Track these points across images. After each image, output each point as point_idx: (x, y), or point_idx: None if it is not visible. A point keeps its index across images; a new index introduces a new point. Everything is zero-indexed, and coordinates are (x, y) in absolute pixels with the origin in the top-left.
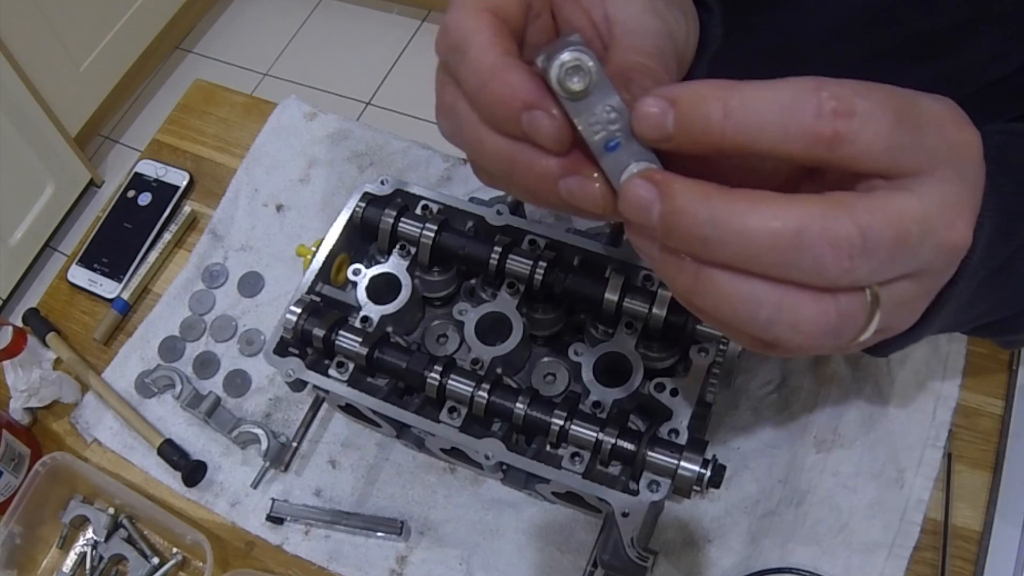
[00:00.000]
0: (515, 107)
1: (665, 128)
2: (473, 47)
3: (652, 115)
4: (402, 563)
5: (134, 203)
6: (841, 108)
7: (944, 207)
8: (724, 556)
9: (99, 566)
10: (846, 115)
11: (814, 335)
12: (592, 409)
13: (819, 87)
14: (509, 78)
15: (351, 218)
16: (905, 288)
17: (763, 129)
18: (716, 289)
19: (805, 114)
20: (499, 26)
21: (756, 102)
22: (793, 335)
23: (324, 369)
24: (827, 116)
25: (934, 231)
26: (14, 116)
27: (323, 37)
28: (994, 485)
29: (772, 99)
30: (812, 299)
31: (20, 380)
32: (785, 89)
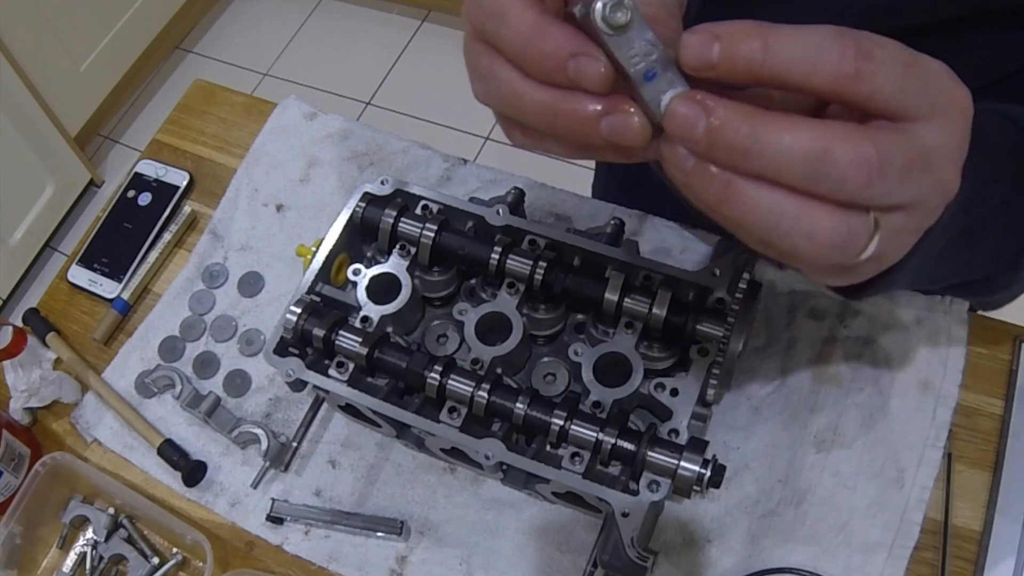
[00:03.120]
0: (562, 57)
1: (710, 57)
2: (512, 10)
3: (700, 44)
4: (402, 563)
5: (134, 203)
6: (862, 51)
7: (941, 149)
8: (724, 556)
9: (99, 566)
10: (866, 57)
11: (825, 246)
12: (592, 409)
13: (843, 33)
14: (553, 32)
15: (351, 218)
16: (900, 219)
17: (797, 64)
18: (745, 199)
19: (833, 53)
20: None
21: (792, 39)
22: (808, 244)
23: (324, 369)
24: (850, 56)
25: (934, 168)
26: (14, 116)
27: (323, 37)
28: (994, 485)
29: (805, 39)
30: (828, 213)
31: (20, 380)
32: (815, 32)
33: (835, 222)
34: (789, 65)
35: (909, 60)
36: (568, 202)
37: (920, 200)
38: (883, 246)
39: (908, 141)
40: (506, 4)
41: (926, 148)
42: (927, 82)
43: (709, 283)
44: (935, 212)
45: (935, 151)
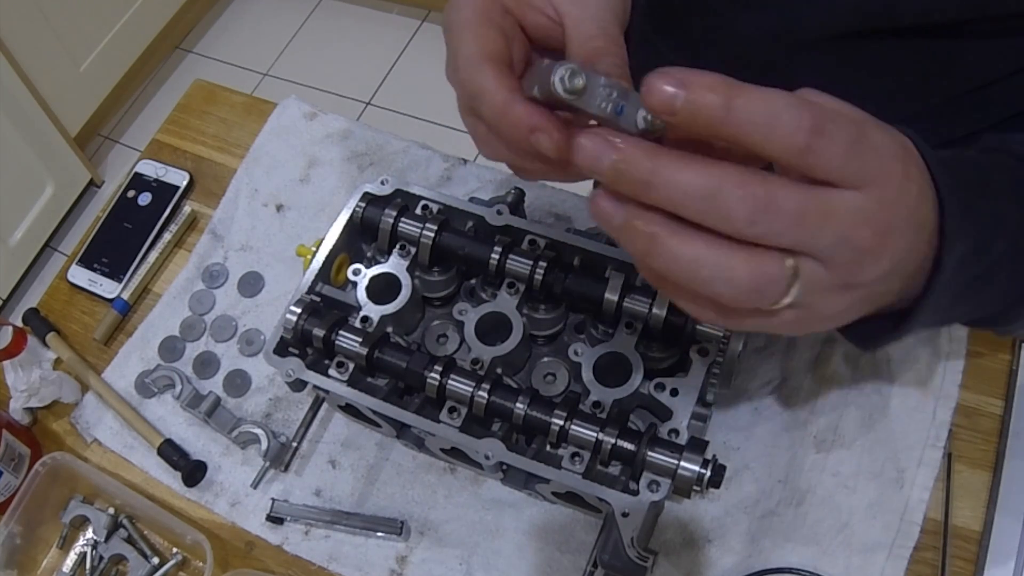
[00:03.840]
0: (523, 132)
1: (673, 104)
2: (486, 94)
3: (665, 92)
4: (402, 563)
5: (134, 203)
6: (816, 126)
7: (856, 212)
8: (724, 556)
9: (99, 566)
10: (819, 132)
11: (744, 289)
12: (592, 409)
13: (802, 104)
14: (516, 111)
15: (351, 218)
16: (819, 272)
17: (754, 128)
18: (668, 251)
19: (789, 123)
20: (499, 70)
21: (754, 104)
22: (727, 289)
23: (324, 369)
24: (805, 130)
25: (839, 225)
26: (14, 116)
27: (323, 37)
28: (994, 485)
29: (766, 105)
30: (743, 259)
31: (20, 380)
32: (777, 99)
33: (750, 267)
34: (747, 128)
35: (856, 136)
36: (568, 202)
37: (829, 254)
38: (807, 297)
39: (808, 193)
40: (483, 87)
41: (832, 205)
42: (867, 158)
43: None
44: (859, 273)
45: (847, 211)
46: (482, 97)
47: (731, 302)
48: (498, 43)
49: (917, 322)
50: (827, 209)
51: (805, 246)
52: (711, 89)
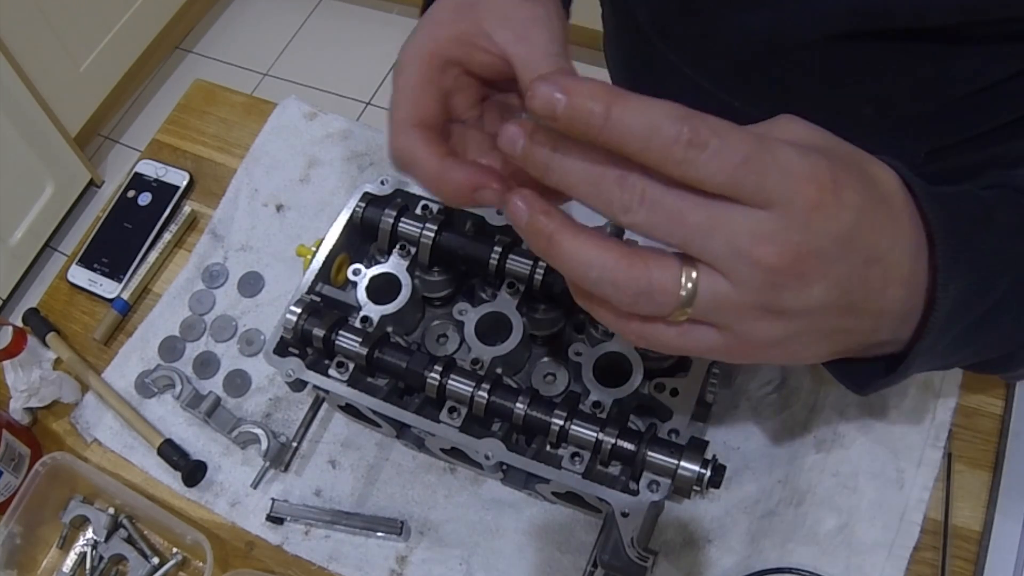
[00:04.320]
0: (467, 192)
1: (554, 109)
2: (417, 162)
3: (546, 95)
4: (402, 563)
5: (134, 203)
6: (697, 140)
7: (754, 228)
8: (724, 556)
9: (99, 566)
10: (699, 146)
11: (631, 292)
12: (592, 409)
13: (684, 118)
14: (452, 177)
15: (351, 218)
16: (723, 287)
17: (631, 138)
18: (561, 251)
19: (666, 136)
20: (428, 137)
21: (632, 114)
22: (615, 291)
23: (324, 369)
24: (683, 143)
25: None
26: (14, 116)
27: (323, 37)
28: (994, 485)
29: (645, 116)
30: (628, 262)
31: (20, 380)
32: (657, 111)
33: (637, 270)
34: (624, 137)
35: (750, 154)
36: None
37: (729, 267)
38: (716, 314)
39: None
40: (413, 156)
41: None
42: (766, 176)
43: None
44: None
45: (743, 225)
46: (414, 165)
47: (620, 305)
48: (432, 109)
49: (913, 366)
50: (716, 216)
51: (694, 249)
52: (592, 96)
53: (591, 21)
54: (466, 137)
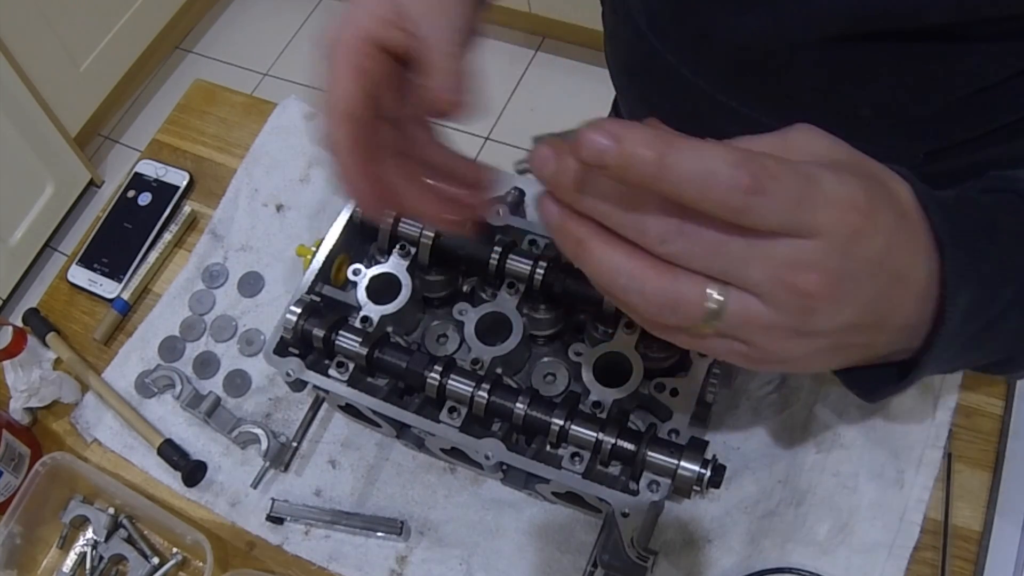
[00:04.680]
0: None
1: (604, 159)
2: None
3: (597, 144)
4: (402, 563)
5: (134, 203)
6: (756, 185)
7: (799, 257)
8: (724, 556)
9: (99, 566)
10: (758, 191)
11: (655, 303)
12: (592, 409)
13: (741, 162)
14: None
15: (351, 218)
16: (756, 308)
17: (688, 186)
18: (591, 256)
19: (724, 183)
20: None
21: (686, 162)
22: (641, 300)
23: (324, 369)
24: (742, 190)
25: (771, 265)
26: (14, 116)
27: None
28: (994, 485)
29: (700, 163)
30: (655, 273)
31: (20, 380)
32: (712, 156)
33: (662, 283)
34: (680, 186)
35: (802, 193)
36: None
37: (766, 291)
38: (743, 331)
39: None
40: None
41: (765, 247)
42: (815, 212)
43: None
44: (803, 315)
45: (786, 255)
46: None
47: (645, 314)
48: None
49: (922, 373)
50: (755, 246)
51: (730, 276)
52: (644, 144)
53: (590, 21)
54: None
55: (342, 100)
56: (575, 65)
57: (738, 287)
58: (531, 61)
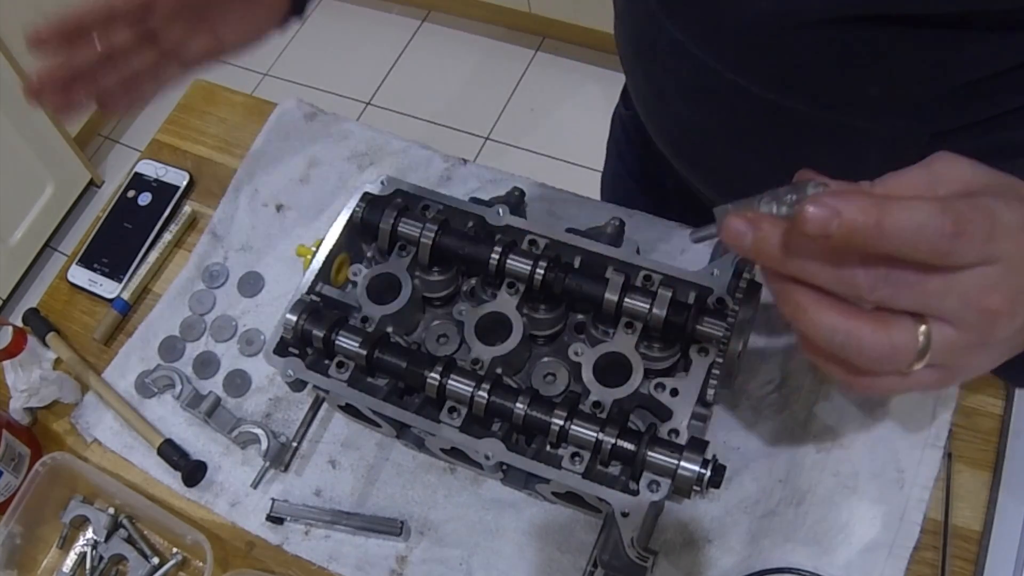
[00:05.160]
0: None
1: (829, 230)
2: None
3: (820, 217)
4: (402, 563)
5: (134, 203)
6: (958, 230)
7: (983, 282)
8: (724, 556)
9: (99, 566)
10: (960, 235)
11: (874, 356)
12: (592, 409)
13: (944, 210)
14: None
15: (351, 218)
16: (951, 334)
17: (903, 243)
18: (807, 319)
19: (933, 234)
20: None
21: (902, 220)
22: (858, 356)
23: (324, 369)
24: (948, 236)
25: (963, 293)
26: (14, 116)
27: (323, 37)
28: (994, 485)
29: (912, 219)
30: (871, 328)
31: (20, 380)
32: (921, 211)
33: (879, 336)
34: (896, 244)
35: (990, 229)
36: (568, 202)
37: (959, 317)
38: (943, 358)
39: (926, 270)
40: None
41: (959, 279)
42: (999, 241)
43: (709, 283)
44: (991, 331)
45: (974, 283)
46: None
47: (860, 365)
48: None
49: None
50: (949, 280)
51: (930, 310)
52: (862, 212)
53: (590, 21)
54: None
55: None
56: (575, 65)
57: (935, 319)
58: (531, 61)
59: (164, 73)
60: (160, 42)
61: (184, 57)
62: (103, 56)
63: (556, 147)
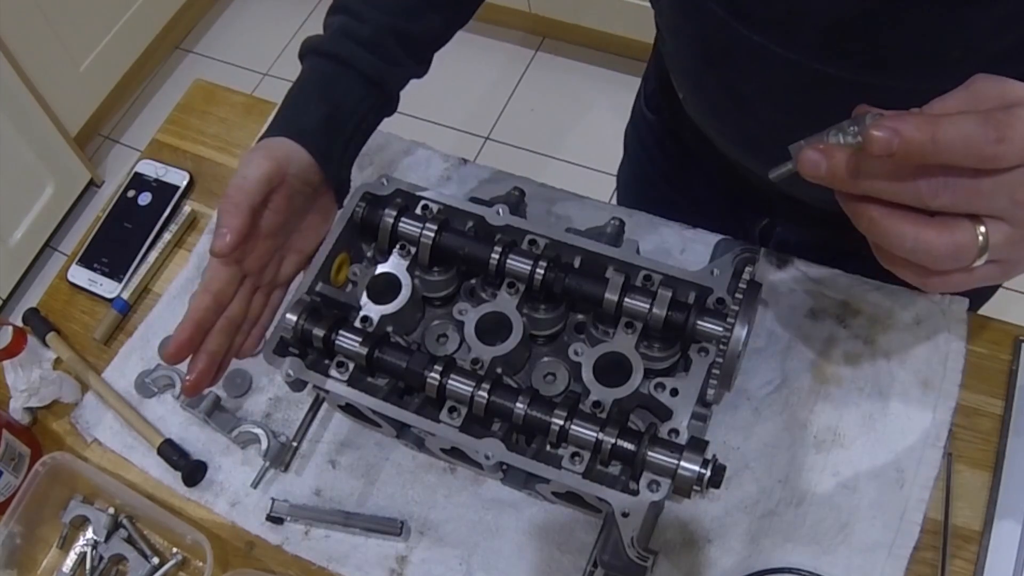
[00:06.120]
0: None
1: (891, 148)
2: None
3: (883, 139)
4: (402, 563)
5: (134, 203)
6: (1000, 136)
7: None
8: (724, 556)
9: (99, 566)
10: (1002, 140)
11: (942, 256)
12: (592, 409)
13: (985, 123)
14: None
15: (351, 218)
16: (1006, 230)
17: (954, 151)
18: (880, 229)
19: (979, 141)
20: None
21: (952, 132)
22: (927, 257)
23: (324, 369)
24: (992, 141)
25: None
26: (14, 116)
27: None
28: (994, 485)
29: (960, 131)
30: (936, 232)
31: (20, 380)
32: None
33: (944, 238)
34: (949, 153)
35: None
36: (568, 202)
37: (1011, 214)
38: (1001, 252)
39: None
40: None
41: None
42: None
43: (709, 283)
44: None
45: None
46: (217, 246)
47: (931, 266)
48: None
49: None
50: (998, 182)
51: (984, 210)
52: (917, 129)
53: (590, 21)
54: None
55: (244, 198)
56: (575, 65)
57: (990, 217)
58: (531, 61)
59: (273, 300)
60: (262, 286)
61: (282, 281)
62: (227, 329)
63: (556, 147)
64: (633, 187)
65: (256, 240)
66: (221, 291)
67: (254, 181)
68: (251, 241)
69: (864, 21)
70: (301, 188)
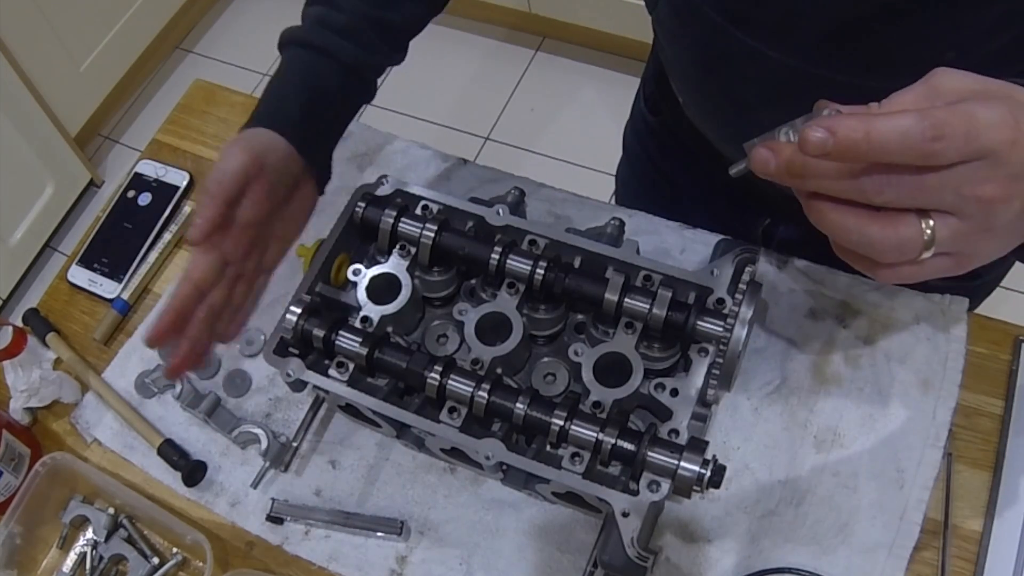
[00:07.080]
0: None
1: (827, 148)
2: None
3: (817, 138)
4: (402, 563)
5: (134, 203)
6: (936, 133)
7: (974, 175)
8: (724, 556)
9: (99, 566)
10: (938, 138)
11: (885, 249)
12: (592, 409)
13: (924, 116)
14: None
15: (351, 218)
16: (955, 224)
17: (891, 149)
18: (826, 220)
19: (915, 139)
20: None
21: (885, 132)
22: (871, 249)
23: (324, 369)
24: (928, 139)
25: (956, 187)
26: (14, 116)
27: None
28: (994, 485)
29: (895, 128)
30: (880, 226)
31: (20, 380)
32: (902, 120)
33: (887, 231)
34: (886, 151)
35: (967, 129)
36: (568, 202)
37: (959, 208)
38: (952, 245)
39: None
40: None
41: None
42: (979, 138)
43: (709, 283)
44: (989, 218)
45: (965, 176)
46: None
47: (876, 259)
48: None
49: None
50: (943, 176)
51: (931, 205)
52: (851, 129)
53: (590, 21)
54: None
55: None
56: (575, 65)
57: (938, 212)
58: (531, 61)
59: (256, 287)
60: (245, 274)
61: (266, 267)
62: (208, 316)
63: (556, 147)
64: (632, 187)
65: (235, 229)
66: (202, 279)
67: (230, 173)
68: (229, 230)
69: (859, 25)
70: (281, 177)
